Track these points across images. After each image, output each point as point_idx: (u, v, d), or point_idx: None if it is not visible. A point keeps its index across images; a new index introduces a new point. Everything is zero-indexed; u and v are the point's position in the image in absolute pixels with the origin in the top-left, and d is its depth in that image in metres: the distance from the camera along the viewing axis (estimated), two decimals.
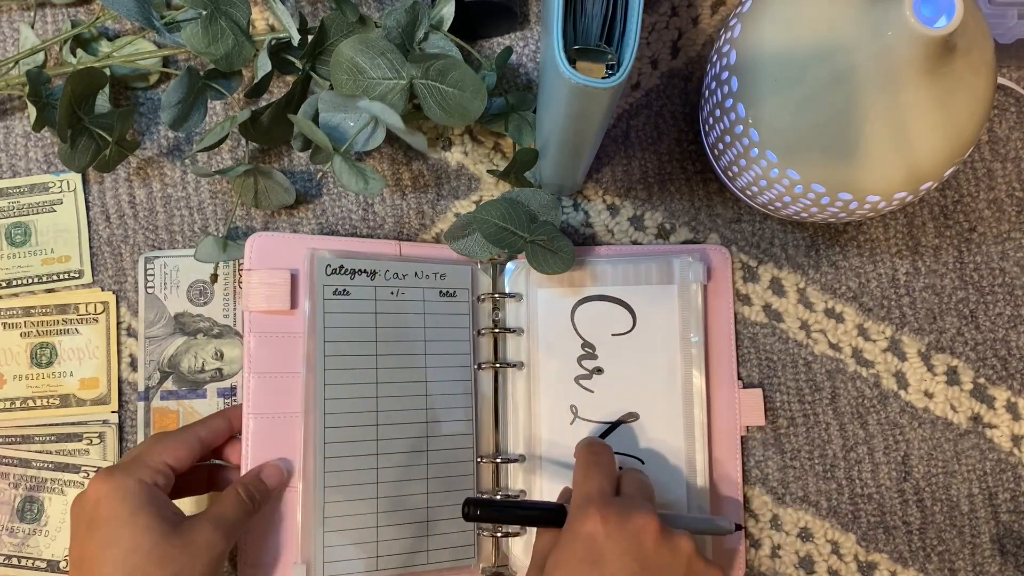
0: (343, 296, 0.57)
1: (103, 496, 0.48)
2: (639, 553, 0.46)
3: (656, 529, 0.47)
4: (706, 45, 0.65)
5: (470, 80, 0.53)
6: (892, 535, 0.62)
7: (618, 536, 0.47)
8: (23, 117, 0.63)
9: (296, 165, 0.63)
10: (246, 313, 0.57)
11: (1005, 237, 0.64)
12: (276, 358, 0.57)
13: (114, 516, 0.48)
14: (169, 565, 0.47)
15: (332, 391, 0.56)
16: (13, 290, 0.61)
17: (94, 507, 0.48)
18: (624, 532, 0.47)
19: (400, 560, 0.56)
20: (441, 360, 0.58)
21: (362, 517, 0.55)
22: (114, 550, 0.47)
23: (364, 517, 0.55)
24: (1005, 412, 0.63)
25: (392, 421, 0.57)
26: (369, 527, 0.55)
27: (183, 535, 0.48)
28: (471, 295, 0.60)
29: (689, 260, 0.60)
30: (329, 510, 0.55)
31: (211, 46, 0.54)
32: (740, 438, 0.61)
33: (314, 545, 0.54)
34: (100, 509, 0.48)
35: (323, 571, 0.54)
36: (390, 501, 0.56)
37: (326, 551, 0.54)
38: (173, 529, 0.48)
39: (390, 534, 0.56)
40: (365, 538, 0.55)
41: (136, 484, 0.49)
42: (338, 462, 0.55)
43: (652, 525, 0.47)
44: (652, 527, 0.47)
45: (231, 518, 0.51)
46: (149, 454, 0.51)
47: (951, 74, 0.45)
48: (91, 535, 0.48)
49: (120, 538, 0.47)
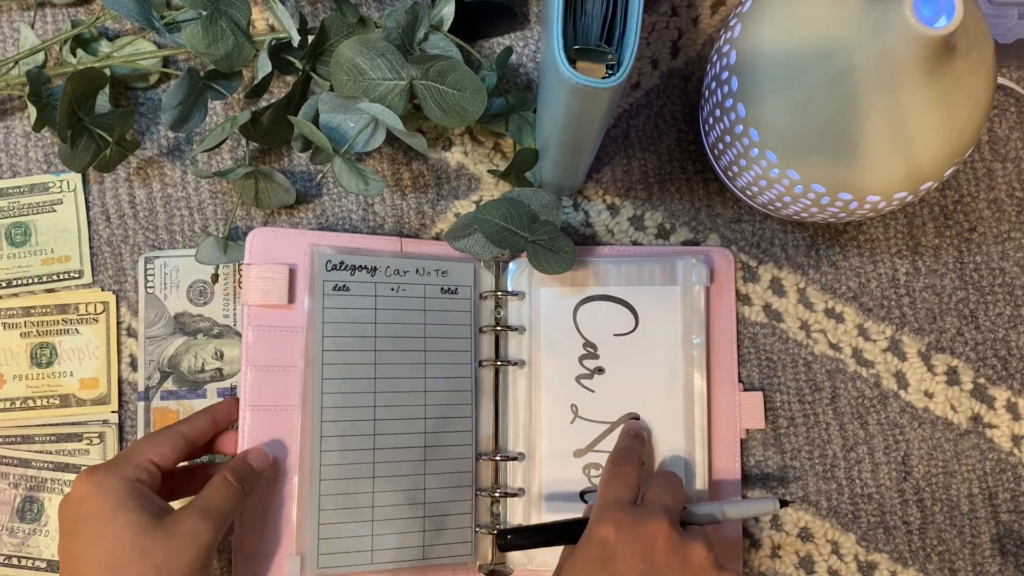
0: (343, 292, 0.57)
1: (85, 494, 0.48)
2: (650, 557, 0.47)
3: (668, 535, 0.48)
4: (706, 45, 0.65)
5: (470, 81, 0.53)
6: (892, 535, 0.62)
7: (630, 540, 0.48)
8: (23, 117, 0.63)
9: (296, 165, 0.63)
10: (245, 307, 0.57)
11: (1005, 237, 0.64)
12: (274, 352, 0.57)
13: (97, 513, 0.48)
14: (151, 558, 0.47)
15: (329, 385, 0.56)
16: (13, 290, 0.61)
17: (77, 506, 0.48)
18: (636, 536, 0.48)
19: (396, 555, 0.56)
20: (441, 357, 0.59)
21: (357, 511, 0.56)
22: (97, 546, 0.47)
23: (360, 511, 0.56)
24: (1005, 412, 0.63)
25: (390, 416, 0.57)
26: (365, 521, 0.56)
27: (167, 527, 0.48)
28: (473, 292, 0.60)
29: (693, 262, 0.60)
30: (324, 503, 0.55)
31: (211, 46, 0.54)
32: (740, 440, 0.61)
33: (309, 537, 0.55)
34: (83, 507, 0.48)
35: (317, 563, 0.54)
36: (387, 496, 0.56)
37: (321, 543, 0.55)
38: (156, 522, 0.48)
39: (386, 528, 0.56)
40: (360, 532, 0.55)
41: (118, 480, 0.49)
42: (334, 456, 0.56)
43: (664, 531, 0.48)
44: (664, 533, 0.48)
45: (219, 505, 0.50)
46: (132, 452, 0.51)
47: (951, 74, 0.45)
48: (75, 533, 0.48)
49: (103, 534, 0.47)
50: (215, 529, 0.49)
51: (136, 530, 0.47)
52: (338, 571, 0.55)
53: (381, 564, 0.56)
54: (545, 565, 0.58)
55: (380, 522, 0.56)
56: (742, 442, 0.61)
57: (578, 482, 0.59)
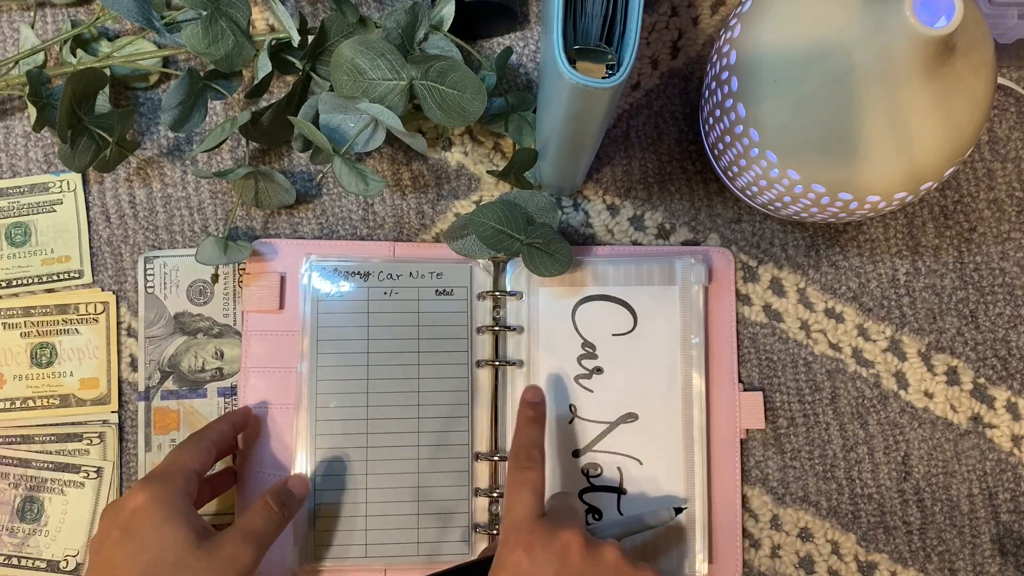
0: (336, 298, 0.60)
1: (140, 505, 0.49)
2: (565, 571, 0.47)
3: (580, 543, 0.48)
4: (706, 45, 0.65)
5: (470, 81, 0.53)
6: (892, 535, 0.62)
7: (544, 559, 0.48)
8: (23, 117, 0.63)
9: (296, 165, 0.63)
10: (244, 311, 0.60)
11: (1005, 237, 0.64)
12: (271, 354, 0.60)
13: (147, 524, 0.48)
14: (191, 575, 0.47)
15: (323, 387, 0.59)
16: (13, 290, 0.61)
17: (130, 515, 0.49)
18: (549, 553, 0.48)
19: (390, 550, 0.58)
20: (437, 358, 0.59)
21: (352, 507, 0.58)
22: (142, 557, 0.47)
23: (354, 507, 0.58)
24: (1005, 412, 0.63)
25: (383, 416, 0.59)
26: (359, 516, 0.58)
27: (209, 548, 0.48)
28: (469, 293, 0.60)
29: (691, 262, 0.60)
30: (320, 498, 0.58)
31: (211, 47, 0.54)
32: (740, 440, 0.61)
33: (306, 530, 0.58)
34: (136, 517, 0.48)
35: (314, 553, 0.57)
36: (381, 493, 0.58)
37: (317, 535, 0.58)
38: (200, 542, 0.48)
39: (380, 524, 0.58)
40: (355, 526, 0.58)
41: (174, 493, 0.50)
42: (328, 454, 0.58)
43: (576, 540, 0.48)
44: (576, 541, 0.48)
45: (260, 530, 0.51)
46: (178, 463, 0.52)
47: (951, 74, 0.45)
48: (124, 542, 0.48)
49: (148, 547, 0.48)
50: (256, 554, 0.50)
51: (182, 547, 0.48)
52: (334, 563, 0.58)
53: (375, 558, 0.58)
54: None
55: (374, 518, 0.58)
56: (742, 442, 0.61)
57: (577, 482, 0.59)
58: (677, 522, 0.58)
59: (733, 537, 0.60)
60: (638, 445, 0.59)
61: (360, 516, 0.58)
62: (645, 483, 0.59)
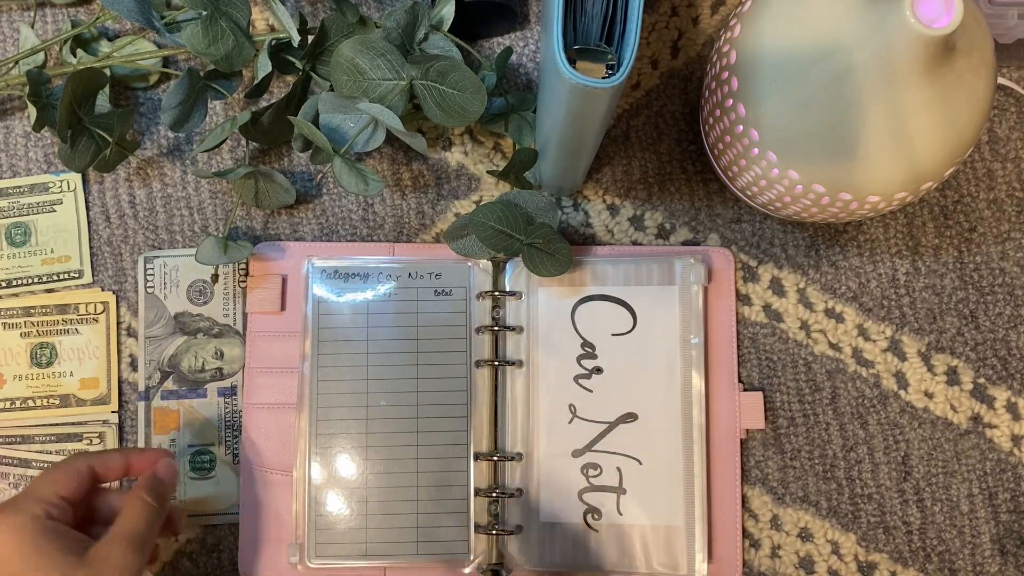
0: (335, 299, 0.60)
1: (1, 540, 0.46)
2: None
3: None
4: (706, 45, 0.65)
5: (470, 81, 0.53)
6: (892, 535, 0.62)
7: None
8: (23, 117, 0.63)
9: (296, 165, 0.63)
10: (248, 313, 0.61)
11: (1005, 237, 0.64)
12: (273, 355, 0.60)
13: (13, 556, 0.45)
14: None
15: (324, 387, 0.59)
16: (13, 290, 0.61)
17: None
18: None
19: (389, 548, 0.58)
20: (436, 358, 0.60)
21: (351, 506, 0.58)
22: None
23: (354, 506, 0.58)
24: (1005, 412, 0.63)
25: (382, 416, 0.59)
26: (359, 515, 0.58)
27: (90, 563, 0.46)
28: (468, 293, 0.61)
29: (691, 261, 0.60)
30: (320, 497, 0.58)
31: (211, 47, 0.54)
32: (740, 440, 0.61)
33: (307, 529, 0.58)
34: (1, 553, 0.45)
35: (315, 551, 0.58)
36: (380, 492, 0.59)
37: (318, 533, 0.58)
38: (79, 560, 0.45)
39: (378, 523, 0.58)
40: (355, 525, 0.58)
41: (29, 520, 0.46)
42: (328, 452, 0.59)
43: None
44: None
45: (142, 530, 0.48)
46: (38, 488, 0.48)
47: (951, 74, 0.45)
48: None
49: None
50: (142, 556, 0.48)
51: (61, 571, 0.45)
52: (334, 562, 0.58)
53: (375, 557, 0.58)
54: (542, 565, 0.58)
55: (373, 516, 0.58)
56: (742, 442, 0.61)
57: (576, 482, 0.59)
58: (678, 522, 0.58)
59: (733, 537, 0.60)
60: (638, 445, 0.59)
61: (360, 515, 0.58)
62: (645, 483, 0.59)
